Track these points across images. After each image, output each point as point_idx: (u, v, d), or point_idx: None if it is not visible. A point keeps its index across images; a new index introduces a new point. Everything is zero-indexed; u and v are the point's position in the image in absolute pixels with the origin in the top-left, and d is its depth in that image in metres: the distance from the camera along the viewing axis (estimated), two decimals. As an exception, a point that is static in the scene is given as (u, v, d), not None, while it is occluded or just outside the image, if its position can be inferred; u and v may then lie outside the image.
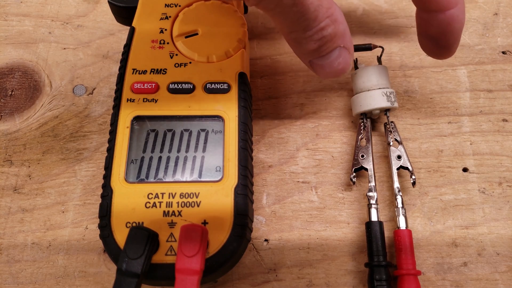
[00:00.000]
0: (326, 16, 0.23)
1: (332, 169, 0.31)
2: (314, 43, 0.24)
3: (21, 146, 0.32)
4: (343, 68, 0.25)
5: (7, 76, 0.34)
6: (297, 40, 0.24)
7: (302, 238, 0.29)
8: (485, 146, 0.32)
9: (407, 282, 0.26)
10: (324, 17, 0.23)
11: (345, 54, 0.25)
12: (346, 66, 0.25)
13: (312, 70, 0.26)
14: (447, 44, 0.26)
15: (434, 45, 0.27)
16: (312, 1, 0.22)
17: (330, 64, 0.25)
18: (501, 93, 0.33)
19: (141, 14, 0.30)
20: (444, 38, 0.26)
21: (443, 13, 0.25)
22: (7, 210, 0.30)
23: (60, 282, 0.28)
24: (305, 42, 0.24)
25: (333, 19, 0.23)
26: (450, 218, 0.30)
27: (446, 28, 0.25)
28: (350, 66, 0.25)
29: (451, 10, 0.25)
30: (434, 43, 0.27)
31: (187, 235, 0.22)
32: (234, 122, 0.26)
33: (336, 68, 0.25)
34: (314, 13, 0.22)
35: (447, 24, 0.25)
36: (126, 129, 0.26)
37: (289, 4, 0.21)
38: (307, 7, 0.22)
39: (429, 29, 0.26)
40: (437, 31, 0.26)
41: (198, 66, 0.28)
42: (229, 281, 0.28)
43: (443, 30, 0.25)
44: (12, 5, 0.37)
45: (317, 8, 0.22)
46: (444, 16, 0.25)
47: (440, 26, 0.25)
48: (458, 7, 0.25)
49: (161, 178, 0.25)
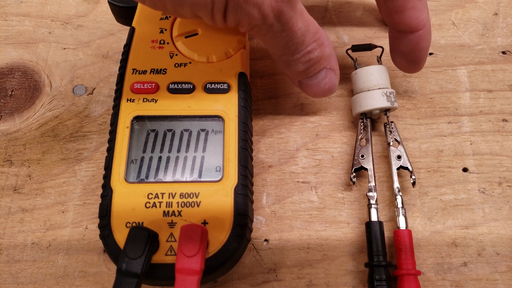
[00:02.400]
0: (313, 40, 0.25)
1: (332, 169, 0.31)
2: (302, 65, 0.26)
3: (21, 146, 0.32)
4: (330, 88, 0.28)
5: (7, 76, 0.34)
6: (287, 62, 0.26)
7: (302, 238, 0.29)
8: (485, 146, 0.32)
9: (407, 282, 0.26)
10: (311, 41, 0.25)
11: (331, 75, 0.27)
12: (332, 86, 0.28)
13: (301, 89, 0.29)
14: (416, 60, 0.29)
15: (405, 60, 0.30)
16: (300, 27, 0.24)
17: (318, 84, 0.27)
18: (501, 93, 0.33)
19: (141, 14, 0.30)
20: (413, 54, 0.29)
21: (413, 33, 0.28)
22: (7, 210, 0.30)
23: (60, 282, 0.28)
24: (294, 64, 0.26)
25: (319, 42, 0.26)
26: (450, 218, 0.30)
27: (415, 46, 0.28)
28: (335, 86, 0.28)
29: (420, 31, 0.28)
30: (404, 59, 0.30)
31: (187, 235, 0.22)
32: (234, 122, 0.26)
33: (323, 88, 0.28)
34: (301, 38, 0.25)
35: (416, 43, 0.28)
36: (126, 129, 0.26)
37: (279, 30, 0.24)
38: (295, 32, 0.24)
39: (400, 46, 0.29)
40: (407, 48, 0.29)
41: (198, 66, 0.28)
42: (229, 281, 0.28)
43: (413, 48, 0.28)
44: (12, 5, 0.37)
45: (304, 33, 0.24)
46: (414, 36, 0.28)
47: (410, 44, 0.28)
48: (425, 28, 0.28)
49: (161, 178, 0.25)
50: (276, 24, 0.23)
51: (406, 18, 0.27)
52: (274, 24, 0.23)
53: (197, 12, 0.22)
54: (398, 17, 0.27)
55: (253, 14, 0.22)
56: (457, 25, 0.36)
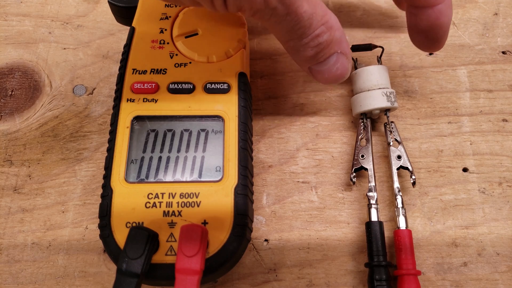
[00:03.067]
0: (321, 23, 0.24)
1: (332, 169, 0.31)
2: (311, 50, 0.25)
3: (21, 146, 0.32)
4: (342, 73, 0.26)
5: (7, 76, 0.34)
6: (295, 48, 0.25)
7: (302, 238, 0.29)
8: (485, 146, 0.32)
9: (407, 282, 0.26)
10: (319, 25, 0.24)
11: (342, 60, 0.26)
12: (344, 71, 0.26)
13: (312, 76, 0.27)
14: (436, 37, 0.27)
15: (424, 38, 0.28)
16: (306, 10, 0.23)
17: (329, 69, 0.26)
18: (501, 93, 0.33)
19: (141, 14, 0.30)
20: (433, 31, 0.27)
21: (432, 8, 0.26)
22: (7, 210, 0.30)
23: (60, 282, 0.28)
24: (302, 49, 0.25)
25: (328, 26, 0.24)
26: (450, 218, 0.30)
27: (435, 22, 0.26)
28: (348, 71, 0.26)
29: (439, 5, 0.26)
30: (423, 37, 0.28)
31: (187, 235, 0.22)
32: (234, 122, 0.26)
33: (334, 74, 0.26)
34: (308, 21, 0.23)
35: (435, 18, 0.26)
36: (126, 129, 0.26)
37: (283, 14, 0.22)
38: (301, 15, 0.23)
39: (419, 23, 0.27)
40: (426, 25, 0.27)
41: (198, 66, 0.28)
42: (229, 281, 0.28)
43: (432, 24, 0.27)
44: (12, 5, 0.37)
45: (311, 16, 0.23)
46: (433, 11, 0.26)
47: (429, 20, 0.26)
48: (445, 2, 0.26)
49: (161, 178, 0.25)
50: (280, 7, 0.22)
51: None
52: (277, 7, 0.22)
53: None
54: None
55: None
56: (457, 25, 0.36)
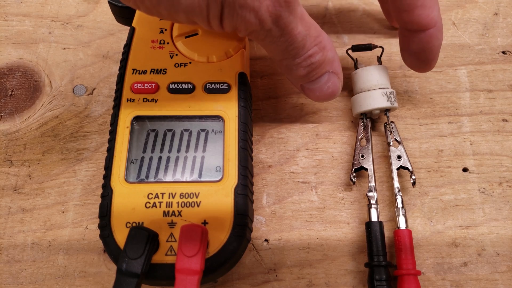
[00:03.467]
0: (314, 44, 0.25)
1: (332, 169, 0.31)
2: (303, 69, 0.26)
3: (21, 146, 0.32)
4: (333, 92, 0.27)
5: (7, 76, 0.34)
6: (288, 66, 0.26)
7: (302, 238, 0.29)
8: (485, 146, 0.32)
9: (407, 282, 0.26)
10: (312, 45, 0.24)
11: (334, 79, 0.27)
12: (335, 90, 0.27)
13: (304, 94, 0.28)
14: (427, 59, 0.29)
15: (415, 59, 0.29)
16: (300, 31, 0.23)
17: (320, 88, 0.27)
18: (501, 93, 0.33)
19: (141, 14, 0.30)
20: (424, 54, 0.28)
21: (424, 32, 0.27)
22: (7, 210, 0.30)
23: (60, 282, 0.28)
24: (295, 68, 0.26)
25: (321, 46, 0.25)
26: (450, 218, 0.30)
27: (426, 45, 0.28)
28: (339, 90, 0.27)
29: (431, 30, 0.27)
30: (415, 58, 0.29)
31: (187, 235, 0.22)
32: (234, 122, 0.26)
33: (325, 92, 0.27)
34: (302, 42, 0.24)
35: (427, 42, 0.27)
36: (126, 129, 0.26)
37: (278, 35, 0.23)
38: (295, 36, 0.23)
39: (411, 45, 0.28)
40: (418, 47, 0.28)
41: (198, 66, 0.28)
42: (229, 281, 0.28)
43: (423, 47, 0.28)
44: (12, 5, 0.37)
45: (305, 37, 0.24)
46: (425, 34, 0.27)
47: (421, 43, 0.28)
48: (436, 27, 0.27)
49: (161, 178, 0.25)
50: (275, 29, 0.23)
51: (416, 16, 0.26)
52: (272, 29, 0.22)
53: (193, 18, 0.22)
54: (408, 16, 0.26)
55: (250, 20, 0.22)
56: (457, 25, 0.36)
